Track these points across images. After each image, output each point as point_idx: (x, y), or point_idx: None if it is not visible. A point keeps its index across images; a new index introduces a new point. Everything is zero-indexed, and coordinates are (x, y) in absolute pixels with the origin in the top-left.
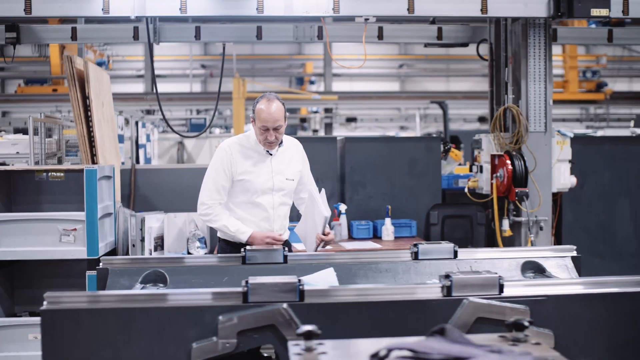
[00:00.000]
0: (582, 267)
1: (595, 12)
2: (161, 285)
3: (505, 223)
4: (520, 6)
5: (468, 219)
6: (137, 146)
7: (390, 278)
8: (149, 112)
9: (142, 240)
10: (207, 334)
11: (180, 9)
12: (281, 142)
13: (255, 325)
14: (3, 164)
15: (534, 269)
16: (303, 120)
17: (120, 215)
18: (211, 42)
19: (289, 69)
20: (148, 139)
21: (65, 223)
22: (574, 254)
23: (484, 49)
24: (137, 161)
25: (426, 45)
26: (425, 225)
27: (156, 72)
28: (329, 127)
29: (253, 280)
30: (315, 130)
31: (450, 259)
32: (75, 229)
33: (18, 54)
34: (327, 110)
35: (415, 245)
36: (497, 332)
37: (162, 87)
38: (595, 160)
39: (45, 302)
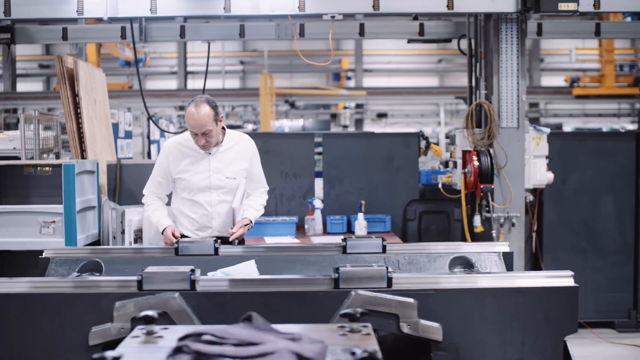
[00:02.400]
0: (564, 264)
1: (563, 6)
2: (97, 274)
3: (477, 219)
4: (487, 2)
5: (445, 215)
6: (150, 142)
7: (315, 271)
8: (182, 108)
9: (123, 232)
10: (105, 319)
11: (150, 9)
12: (222, 142)
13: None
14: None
15: (463, 264)
16: (333, 116)
17: (105, 209)
18: (248, 40)
19: (325, 64)
20: (162, 135)
21: (45, 215)
22: (506, 249)
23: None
24: (149, 157)
25: (409, 41)
26: (403, 220)
27: (192, 68)
28: (359, 122)
29: (149, 269)
30: (345, 126)
31: (379, 253)
32: (54, 221)
33: (55, 51)
34: (358, 106)
35: (344, 239)
36: (385, 324)
37: (197, 83)
38: (577, 156)
39: None
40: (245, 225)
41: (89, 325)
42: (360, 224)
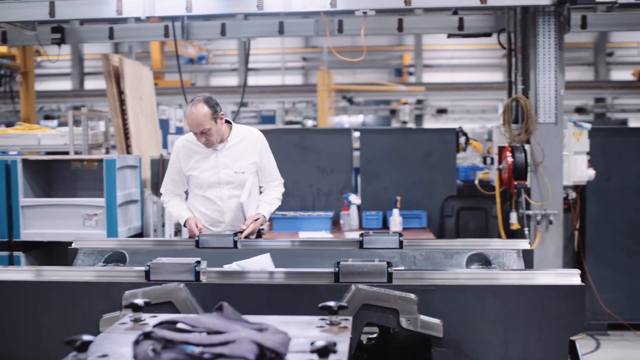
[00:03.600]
0: (607, 264)
1: None
2: (121, 264)
3: (513, 216)
4: None
5: (483, 212)
6: None
7: (330, 265)
8: (243, 104)
9: (163, 225)
10: (115, 307)
11: (186, 8)
12: (228, 137)
13: (155, 302)
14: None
15: (481, 261)
16: (393, 112)
17: (147, 202)
18: (297, 36)
19: (388, 60)
20: None
21: (88, 208)
22: (526, 247)
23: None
24: None
25: (449, 36)
26: (440, 217)
27: (253, 65)
28: (419, 118)
29: (156, 260)
30: (404, 122)
31: (396, 248)
32: (96, 214)
33: (124, 50)
34: (419, 102)
35: (361, 234)
36: (385, 319)
37: (259, 79)
38: (621, 153)
39: None
40: (256, 220)
41: (100, 313)
42: (396, 219)
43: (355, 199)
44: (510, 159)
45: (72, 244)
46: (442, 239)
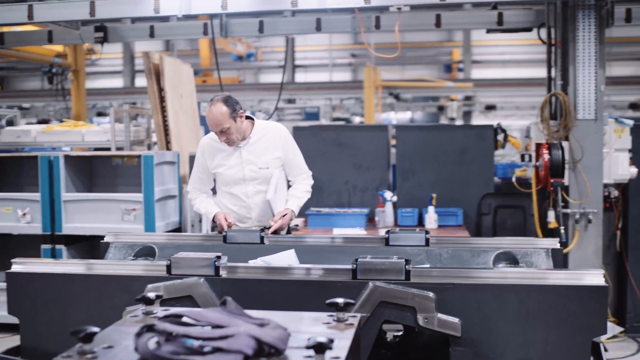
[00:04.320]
0: None
1: None
2: (150, 258)
3: (551, 214)
4: None
5: (521, 210)
6: None
7: None
8: (289, 101)
9: (200, 221)
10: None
11: (221, 6)
12: (250, 134)
13: (175, 295)
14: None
15: (508, 260)
16: (440, 108)
17: (186, 198)
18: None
19: (437, 56)
20: None
21: (127, 203)
22: (556, 246)
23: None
24: None
25: (488, 31)
26: (477, 215)
27: (301, 62)
28: (467, 115)
29: (178, 254)
30: (452, 119)
31: (422, 246)
32: (134, 209)
33: (177, 48)
34: (467, 98)
35: (387, 231)
36: (402, 317)
37: (308, 76)
38: None
39: (12, 266)
40: (284, 215)
41: (123, 306)
42: (431, 217)
43: (390, 195)
44: (546, 156)
45: (105, 238)
46: (477, 237)
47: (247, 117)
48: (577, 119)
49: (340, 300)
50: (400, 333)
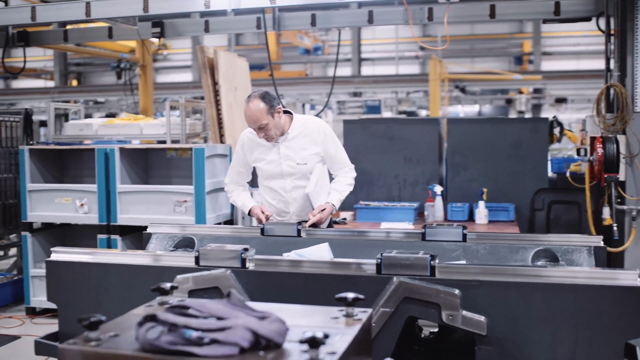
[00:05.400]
0: None
1: None
2: (190, 250)
3: (606, 211)
4: None
5: (576, 205)
6: None
7: None
8: (355, 94)
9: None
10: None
11: (269, 0)
12: (289, 129)
13: (203, 286)
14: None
15: (548, 257)
16: (509, 101)
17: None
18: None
19: (508, 48)
20: None
21: (179, 195)
22: (599, 244)
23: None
24: None
25: (544, 21)
26: (530, 210)
27: (369, 55)
28: (536, 108)
29: (206, 246)
30: (520, 112)
31: (459, 241)
32: (186, 201)
33: (244, 42)
34: (536, 91)
35: (424, 226)
36: (426, 313)
37: (376, 69)
38: None
39: (51, 255)
40: (323, 209)
41: (154, 296)
42: (481, 212)
43: (439, 190)
44: (600, 151)
45: (147, 229)
46: (529, 233)
47: (286, 112)
48: (634, 111)
49: (349, 295)
50: (436, 330)
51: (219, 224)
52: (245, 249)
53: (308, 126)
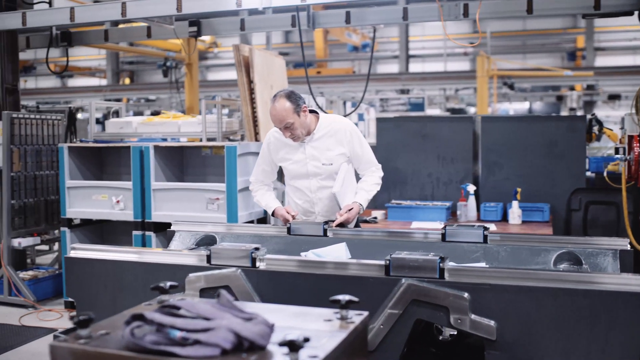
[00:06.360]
0: None
1: None
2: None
3: None
4: None
5: (615, 206)
6: None
7: None
8: (402, 91)
9: None
10: (179, 288)
11: None
12: (315, 129)
13: (214, 285)
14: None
15: (571, 260)
16: (559, 98)
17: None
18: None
19: (560, 43)
20: (361, 118)
21: (211, 193)
22: (626, 247)
23: None
24: None
25: (584, 16)
26: (566, 211)
27: (417, 52)
28: (588, 105)
29: (217, 245)
30: (572, 109)
31: (479, 243)
32: (218, 199)
33: (294, 40)
34: (589, 87)
35: (444, 227)
36: (434, 317)
37: (425, 66)
38: None
39: (70, 252)
40: (350, 209)
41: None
42: (515, 212)
43: (472, 189)
44: (637, 150)
45: (171, 227)
46: (565, 234)
47: (312, 112)
48: None
49: (342, 297)
50: (455, 333)
51: (252, 222)
52: (256, 248)
53: (334, 126)
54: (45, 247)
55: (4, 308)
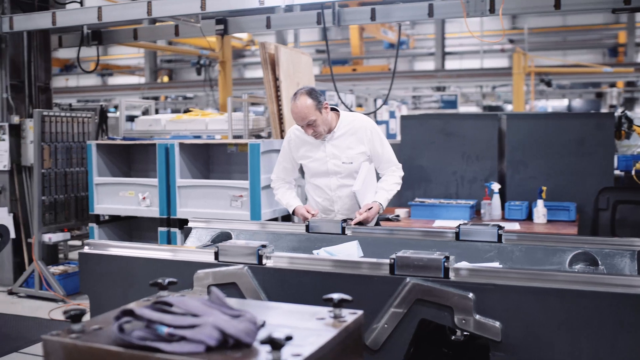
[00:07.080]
0: None
1: None
2: None
3: None
4: None
5: None
6: (376, 122)
7: None
8: (438, 89)
9: None
10: (188, 285)
11: None
12: (335, 127)
13: (221, 282)
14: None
15: (588, 261)
16: (599, 95)
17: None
18: (517, 15)
19: (602, 39)
20: (392, 116)
21: (235, 190)
22: None
23: None
24: None
25: (613, 11)
26: (594, 210)
27: (454, 49)
28: (629, 102)
29: (226, 242)
30: (612, 106)
31: (494, 242)
32: (241, 196)
33: (329, 38)
34: (629, 84)
35: (458, 226)
36: (439, 316)
37: (463, 63)
38: None
39: (84, 247)
40: (370, 208)
41: (176, 290)
42: (539, 211)
43: (497, 187)
44: None
45: (188, 223)
46: (592, 235)
47: (333, 109)
48: None
49: (335, 295)
50: (467, 333)
51: (275, 219)
52: (263, 246)
53: (355, 125)
54: (78, 243)
55: (35, 302)
